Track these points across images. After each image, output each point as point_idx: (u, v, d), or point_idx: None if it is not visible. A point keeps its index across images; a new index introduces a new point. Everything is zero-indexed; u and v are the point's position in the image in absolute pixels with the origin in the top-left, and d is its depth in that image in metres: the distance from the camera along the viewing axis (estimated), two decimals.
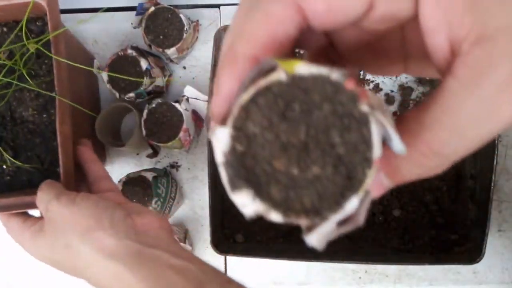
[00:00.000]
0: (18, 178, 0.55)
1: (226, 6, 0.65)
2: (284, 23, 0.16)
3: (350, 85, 0.14)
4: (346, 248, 0.58)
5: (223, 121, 0.15)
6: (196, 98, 0.60)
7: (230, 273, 0.63)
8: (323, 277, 0.62)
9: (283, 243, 0.60)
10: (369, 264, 0.60)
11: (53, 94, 0.49)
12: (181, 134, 0.56)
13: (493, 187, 0.52)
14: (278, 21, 0.16)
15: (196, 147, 0.64)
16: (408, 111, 0.17)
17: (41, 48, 0.52)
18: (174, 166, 0.65)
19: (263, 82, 0.14)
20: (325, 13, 0.16)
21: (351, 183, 0.14)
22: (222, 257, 0.63)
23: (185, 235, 0.61)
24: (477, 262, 0.52)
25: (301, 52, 0.19)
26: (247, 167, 0.15)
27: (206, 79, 0.59)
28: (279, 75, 0.14)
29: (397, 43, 0.20)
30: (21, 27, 0.52)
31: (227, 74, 0.16)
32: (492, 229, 0.60)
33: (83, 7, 0.66)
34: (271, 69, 0.14)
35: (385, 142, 0.15)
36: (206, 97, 0.59)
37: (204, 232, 0.64)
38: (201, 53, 0.65)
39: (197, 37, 0.64)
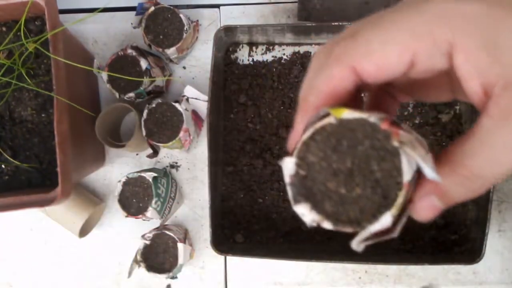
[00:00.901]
0: (17, 178, 0.55)
1: (226, 6, 0.65)
2: (342, 81, 0.21)
3: (384, 126, 0.18)
4: (346, 248, 0.58)
5: (290, 153, 0.20)
6: (196, 98, 0.60)
7: (230, 273, 0.63)
8: (323, 277, 0.62)
9: (283, 243, 0.60)
10: (369, 264, 0.60)
11: (52, 94, 0.49)
12: (181, 134, 0.56)
13: (493, 187, 0.52)
14: (337, 80, 0.21)
15: (196, 147, 0.64)
16: (451, 144, 0.21)
17: (39, 48, 0.52)
18: (174, 166, 0.64)
19: (319, 124, 0.19)
20: (374, 72, 0.20)
21: (386, 202, 0.18)
22: (222, 257, 0.63)
23: (185, 235, 0.61)
24: (477, 262, 0.52)
25: (365, 94, 0.25)
26: (307, 187, 0.20)
27: (206, 79, 0.59)
28: (330, 119, 0.19)
29: (443, 79, 0.24)
30: (20, 27, 0.52)
31: (300, 117, 0.22)
32: (492, 229, 0.60)
33: (83, 7, 0.65)
34: (326, 115, 0.20)
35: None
36: (206, 97, 0.59)
37: (204, 232, 0.64)
38: (201, 53, 0.65)
39: (197, 37, 0.64)
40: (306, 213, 0.20)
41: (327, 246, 0.59)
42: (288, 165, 0.20)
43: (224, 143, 0.62)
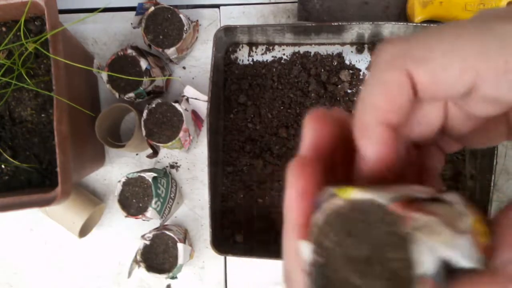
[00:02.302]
0: (17, 178, 0.55)
1: (226, 6, 0.65)
2: (399, 88, 0.18)
3: (393, 208, 0.16)
4: None
5: (304, 236, 0.19)
6: (196, 98, 0.60)
7: (230, 273, 0.63)
8: None
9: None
10: None
11: (51, 94, 0.49)
12: (181, 134, 0.56)
13: (493, 187, 0.52)
14: (394, 87, 0.18)
15: (196, 147, 0.64)
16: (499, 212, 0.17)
17: (39, 48, 0.52)
18: (174, 166, 0.64)
19: (329, 206, 0.18)
20: (429, 84, 0.17)
21: None
22: (222, 257, 0.63)
23: (185, 235, 0.61)
24: None
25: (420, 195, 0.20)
26: (326, 277, 0.18)
27: (206, 79, 0.59)
28: (339, 201, 0.17)
29: (501, 118, 0.20)
30: (20, 27, 0.52)
31: (362, 138, 0.19)
32: None
33: (83, 7, 0.65)
34: (334, 195, 0.18)
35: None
36: (206, 97, 0.59)
37: (204, 232, 0.64)
38: (201, 53, 0.65)
39: (197, 37, 0.64)
40: None
41: None
42: (305, 250, 0.18)
43: (224, 143, 0.62)
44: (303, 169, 0.19)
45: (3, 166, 0.55)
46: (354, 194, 0.17)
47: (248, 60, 0.63)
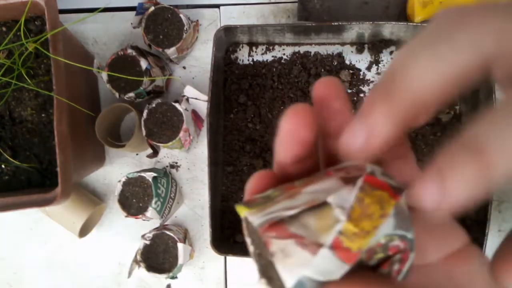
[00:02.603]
0: (17, 178, 0.55)
1: (226, 6, 0.65)
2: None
3: (260, 232, 0.17)
4: None
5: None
6: (196, 98, 0.60)
7: (230, 273, 0.63)
8: None
9: None
10: None
11: (52, 94, 0.49)
12: (181, 134, 0.56)
13: None
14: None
15: (196, 147, 0.64)
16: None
17: (39, 48, 0.52)
18: (174, 166, 0.64)
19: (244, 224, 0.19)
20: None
21: None
22: (222, 257, 0.63)
23: (185, 235, 0.61)
24: None
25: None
26: (260, 261, 0.20)
27: (206, 79, 0.59)
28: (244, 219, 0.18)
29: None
30: (20, 26, 0.52)
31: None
32: (492, 229, 0.60)
33: (83, 7, 0.65)
34: None
35: None
36: (206, 97, 0.59)
37: (204, 232, 0.64)
38: (201, 53, 0.65)
39: (197, 37, 0.64)
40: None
41: None
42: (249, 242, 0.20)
43: (224, 143, 0.62)
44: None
45: (3, 166, 0.55)
46: (244, 213, 0.18)
47: (248, 60, 0.63)
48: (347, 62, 0.61)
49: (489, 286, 0.18)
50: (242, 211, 0.17)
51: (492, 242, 0.59)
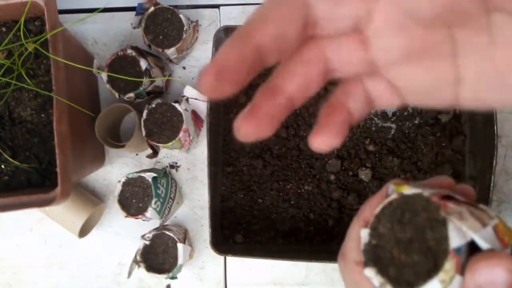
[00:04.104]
0: (17, 178, 0.55)
1: (226, 6, 0.65)
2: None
3: (434, 199, 0.21)
4: None
5: (365, 224, 0.24)
6: (195, 98, 0.60)
7: (230, 274, 0.63)
8: (323, 277, 0.62)
9: (282, 243, 0.60)
10: None
11: (51, 94, 0.49)
12: (181, 134, 0.56)
13: (493, 187, 0.52)
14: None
15: (196, 147, 0.64)
16: None
17: (39, 48, 0.52)
18: (174, 166, 0.64)
19: (387, 200, 0.23)
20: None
21: (435, 268, 0.20)
22: (222, 257, 0.63)
23: (185, 235, 0.61)
24: None
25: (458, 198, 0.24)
26: (376, 254, 0.23)
27: None
28: (394, 195, 0.23)
29: None
30: (20, 27, 0.52)
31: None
32: None
33: (83, 7, 0.65)
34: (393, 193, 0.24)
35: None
36: (205, 97, 0.59)
37: (204, 232, 0.64)
38: (200, 53, 0.65)
39: (196, 37, 0.64)
40: (372, 276, 0.22)
41: (327, 246, 0.59)
42: (364, 235, 0.23)
43: (224, 143, 0.62)
44: None
45: (3, 166, 0.55)
46: (407, 189, 0.22)
47: None
48: None
49: None
50: (402, 188, 0.22)
51: None
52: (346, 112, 0.21)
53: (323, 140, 0.20)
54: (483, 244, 0.19)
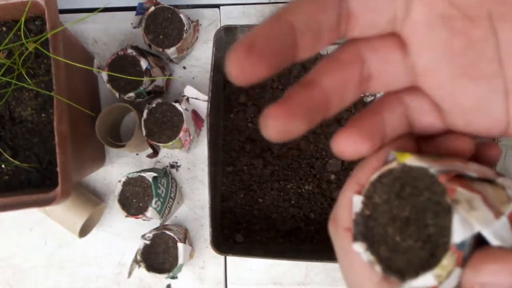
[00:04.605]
0: (17, 178, 0.55)
1: (226, 6, 0.65)
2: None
3: (441, 179, 0.18)
4: None
5: (359, 192, 0.20)
6: (196, 98, 0.60)
7: (230, 273, 0.63)
8: (323, 277, 0.62)
9: (283, 243, 0.60)
10: None
11: (52, 94, 0.49)
12: (181, 134, 0.56)
13: None
14: None
15: (196, 147, 0.64)
16: None
17: (39, 48, 0.52)
18: (174, 166, 0.64)
19: (385, 168, 0.19)
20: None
21: (432, 260, 0.17)
22: (222, 257, 0.63)
23: (185, 235, 0.61)
24: None
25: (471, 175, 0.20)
26: (368, 227, 0.20)
27: (206, 79, 0.59)
28: (394, 164, 0.19)
29: None
30: (20, 26, 0.52)
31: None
32: None
33: (83, 7, 0.65)
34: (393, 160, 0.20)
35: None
36: (206, 97, 0.59)
37: (204, 232, 0.64)
38: (201, 53, 0.65)
39: (197, 37, 0.64)
40: (361, 252, 0.20)
41: (327, 246, 0.59)
42: (356, 202, 0.20)
43: (224, 143, 0.62)
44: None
45: (3, 166, 0.55)
46: (410, 160, 0.19)
47: None
48: None
49: None
50: (404, 157, 0.19)
51: None
52: (381, 120, 0.19)
53: (350, 142, 0.18)
54: (492, 240, 0.17)
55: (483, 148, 0.21)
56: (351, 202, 0.20)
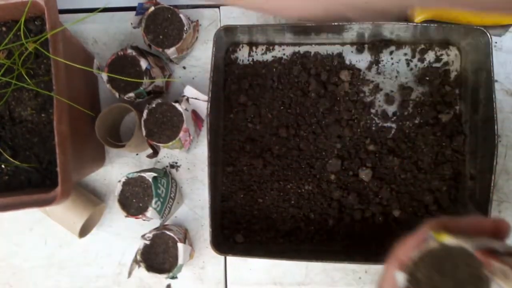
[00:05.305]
0: (17, 178, 0.55)
1: (226, 6, 0.65)
2: None
3: (477, 255, 0.21)
4: (346, 248, 0.58)
5: (401, 268, 0.23)
6: (196, 98, 0.60)
7: (230, 273, 0.63)
8: (323, 277, 0.62)
9: (283, 243, 0.60)
10: (369, 264, 0.60)
11: (52, 94, 0.49)
12: (181, 134, 0.56)
13: (493, 187, 0.52)
14: None
15: (196, 147, 0.64)
16: None
17: (39, 48, 0.52)
18: (174, 166, 0.64)
19: (425, 247, 0.23)
20: None
21: None
22: (222, 257, 0.63)
23: (185, 235, 0.61)
24: None
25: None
26: None
27: (206, 79, 0.59)
28: (434, 243, 0.22)
29: None
30: (20, 26, 0.52)
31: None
32: None
33: (83, 7, 0.65)
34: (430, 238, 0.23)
35: None
36: (206, 97, 0.59)
37: (204, 232, 0.64)
38: (201, 53, 0.65)
39: (197, 37, 0.64)
40: None
41: (327, 246, 0.59)
42: (400, 279, 0.23)
43: (224, 143, 0.62)
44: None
45: (3, 166, 0.55)
46: (448, 240, 0.22)
47: (248, 60, 0.63)
48: (347, 62, 0.61)
49: None
50: (444, 237, 0.22)
51: None
52: None
53: None
54: None
55: (497, 225, 0.25)
56: (393, 277, 0.24)
